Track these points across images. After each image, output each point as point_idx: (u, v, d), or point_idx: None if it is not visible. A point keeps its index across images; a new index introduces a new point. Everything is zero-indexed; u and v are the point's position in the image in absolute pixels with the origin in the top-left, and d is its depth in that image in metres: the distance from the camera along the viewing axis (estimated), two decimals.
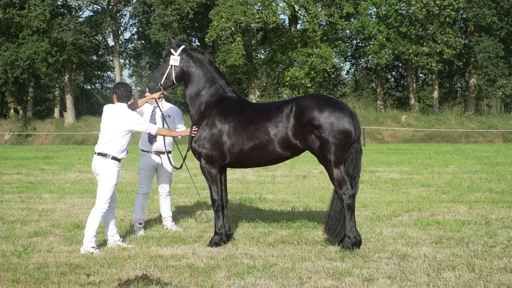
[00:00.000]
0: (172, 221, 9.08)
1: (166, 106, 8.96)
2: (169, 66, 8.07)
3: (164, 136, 8.41)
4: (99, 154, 7.65)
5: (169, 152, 8.85)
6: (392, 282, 5.96)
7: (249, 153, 7.71)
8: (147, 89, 8.40)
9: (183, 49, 8.12)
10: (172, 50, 8.10)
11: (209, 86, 8.07)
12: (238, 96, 8.15)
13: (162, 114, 8.64)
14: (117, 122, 7.65)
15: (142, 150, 8.88)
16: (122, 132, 7.65)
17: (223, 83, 8.13)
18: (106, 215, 7.83)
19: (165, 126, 8.63)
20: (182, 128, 8.85)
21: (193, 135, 7.92)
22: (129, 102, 8.02)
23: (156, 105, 8.73)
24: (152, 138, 8.76)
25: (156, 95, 8.16)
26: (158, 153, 8.84)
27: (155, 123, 8.65)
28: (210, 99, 8.02)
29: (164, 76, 8.08)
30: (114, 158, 7.61)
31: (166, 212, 9.04)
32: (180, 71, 8.09)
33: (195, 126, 7.95)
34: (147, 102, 8.51)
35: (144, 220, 8.89)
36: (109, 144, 7.64)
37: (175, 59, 8.05)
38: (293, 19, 44.76)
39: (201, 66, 8.11)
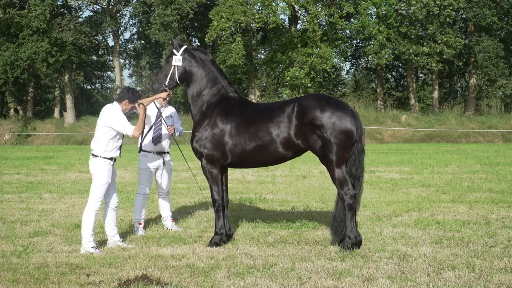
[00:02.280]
0: (172, 221, 9.10)
1: (169, 108, 9.06)
2: (172, 67, 8.08)
3: (141, 125, 7.94)
4: (92, 154, 7.74)
5: (168, 152, 8.98)
6: (392, 282, 5.96)
7: (251, 154, 7.71)
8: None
9: (185, 49, 8.13)
10: (174, 51, 8.12)
11: (211, 86, 8.08)
12: (240, 96, 8.15)
13: (161, 114, 8.80)
14: (99, 120, 7.75)
15: (143, 151, 8.88)
16: (103, 129, 7.68)
17: (225, 83, 8.13)
18: (107, 215, 7.84)
19: (168, 125, 8.76)
20: (179, 128, 9.04)
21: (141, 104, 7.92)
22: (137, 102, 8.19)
23: (159, 106, 8.82)
24: (157, 139, 8.80)
25: (164, 94, 8.19)
26: (160, 153, 8.87)
27: (160, 124, 8.77)
28: (212, 99, 8.04)
29: (168, 77, 8.09)
30: (103, 157, 7.63)
31: (166, 212, 9.06)
32: (183, 71, 8.11)
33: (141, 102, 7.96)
34: (153, 102, 8.59)
35: (144, 220, 8.90)
36: (96, 143, 7.72)
37: (177, 59, 8.07)
38: (293, 19, 44.76)
39: (203, 66, 8.12)
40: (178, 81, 8.12)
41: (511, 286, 5.81)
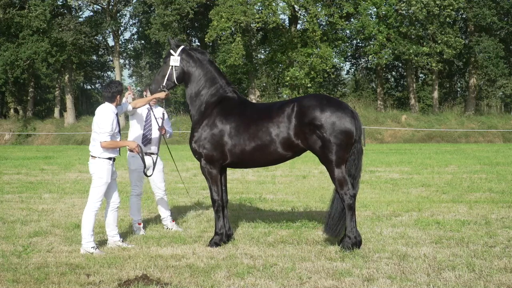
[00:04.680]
0: (172, 221, 9.07)
1: (158, 109, 9.05)
2: (170, 67, 8.07)
3: (113, 146, 7.72)
4: (91, 155, 7.75)
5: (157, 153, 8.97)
6: (392, 282, 5.95)
7: (250, 154, 7.70)
8: (148, 91, 8.57)
9: (182, 49, 8.13)
10: (171, 51, 8.10)
11: (209, 86, 8.08)
12: (239, 96, 8.15)
13: (163, 114, 8.89)
14: (93, 121, 7.76)
15: (131, 151, 8.81)
16: (94, 131, 7.69)
17: (223, 83, 8.13)
18: (108, 215, 7.83)
19: (158, 126, 8.80)
20: (169, 130, 9.04)
21: (135, 150, 7.76)
22: (132, 100, 8.14)
23: (148, 107, 8.82)
24: (147, 140, 8.79)
25: (162, 94, 8.18)
26: (150, 153, 8.84)
27: (150, 124, 8.80)
28: (211, 99, 8.03)
29: (166, 78, 8.08)
30: (101, 157, 7.63)
31: (165, 212, 9.03)
32: (181, 71, 8.10)
33: (137, 143, 7.80)
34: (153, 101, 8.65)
35: (142, 220, 8.87)
36: (93, 144, 7.74)
37: (175, 60, 8.05)
38: (293, 19, 44.76)
39: (201, 66, 8.11)
40: (175, 82, 8.11)
41: (511, 286, 5.81)
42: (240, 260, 6.89)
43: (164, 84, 8.08)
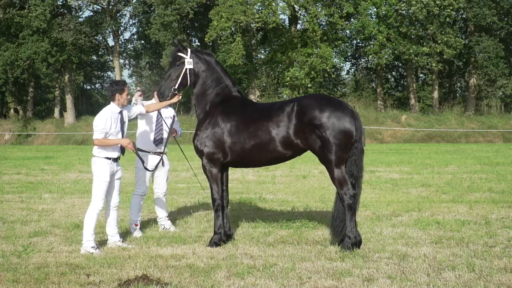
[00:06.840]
0: (169, 221, 9.03)
1: (169, 109, 9.04)
2: (184, 69, 8.06)
3: (105, 144, 7.71)
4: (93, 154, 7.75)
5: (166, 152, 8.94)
6: (392, 282, 5.95)
7: (250, 152, 7.73)
8: (154, 95, 8.58)
9: (191, 51, 8.16)
10: (181, 54, 8.09)
11: (215, 85, 8.13)
12: (242, 96, 8.21)
13: (174, 116, 8.96)
14: None
15: (141, 150, 8.82)
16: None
17: (229, 83, 8.18)
18: (108, 215, 7.83)
19: (169, 127, 8.79)
20: (179, 129, 9.04)
21: (128, 147, 7.70)
22: (141, 101, 8.21)
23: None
24: (159, 140, 8.78)
25: (175, 99, 8.18)
26: (159, 153, 8.84)
27: (161, 125, 8.80)
28: (216, 99, 8.08)
29: (179, 81, 8.06)
30: (99, 156, 7.64)
31: (162, 212, 9.00)
32: (192, 73, 8.13)
33: (129, 140, 7.74)
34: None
35: (140, 221, 8.82)
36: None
37: (189, 62, 8.07)
38: (293, 19, 44.77)
39: (208, 67, 8.16)
40: (188, 83, 8.14)
41: (511, 286, 5.81)
42: (240, 260, 6.89)
43: (176, 87, 8.08)
